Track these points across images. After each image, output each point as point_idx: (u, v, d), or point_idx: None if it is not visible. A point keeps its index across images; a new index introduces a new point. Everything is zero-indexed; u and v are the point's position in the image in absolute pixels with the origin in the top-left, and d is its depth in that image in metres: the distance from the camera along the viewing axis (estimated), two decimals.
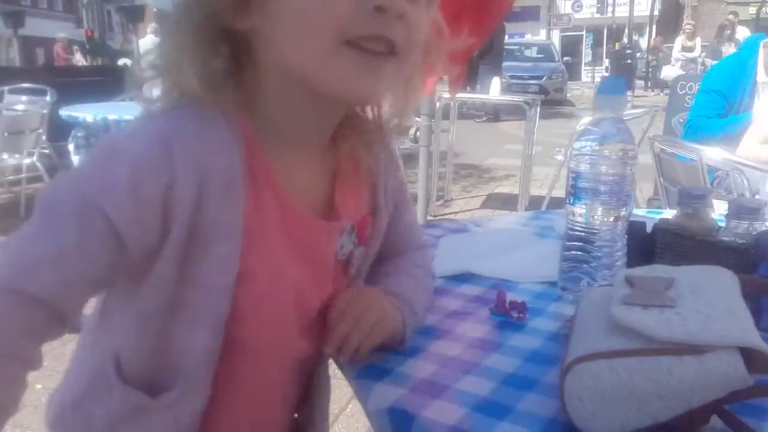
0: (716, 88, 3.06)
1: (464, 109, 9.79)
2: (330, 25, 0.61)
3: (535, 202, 4.71)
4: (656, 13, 29.68)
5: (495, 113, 11.16)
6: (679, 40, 13.61)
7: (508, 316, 0.84)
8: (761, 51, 2.92)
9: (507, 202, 5.23)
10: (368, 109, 0.78)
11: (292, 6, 0.61)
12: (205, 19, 0.64)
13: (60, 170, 4.41)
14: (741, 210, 0.88)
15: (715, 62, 10.00)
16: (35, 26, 26.70)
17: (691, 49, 13.35)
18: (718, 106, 3.03)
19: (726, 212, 0.89)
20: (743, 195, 2.72)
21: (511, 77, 14.40)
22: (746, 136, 2.57)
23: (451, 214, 5.03)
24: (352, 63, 0.62)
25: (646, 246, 0.97)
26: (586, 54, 32.69)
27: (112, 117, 3.36)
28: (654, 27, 28.37)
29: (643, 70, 19.03)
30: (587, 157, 0.83)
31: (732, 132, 2.90)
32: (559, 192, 4.01)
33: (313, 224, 0.73)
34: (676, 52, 13.65)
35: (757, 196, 2.60)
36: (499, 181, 6.27)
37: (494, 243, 1.16)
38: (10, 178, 4.99)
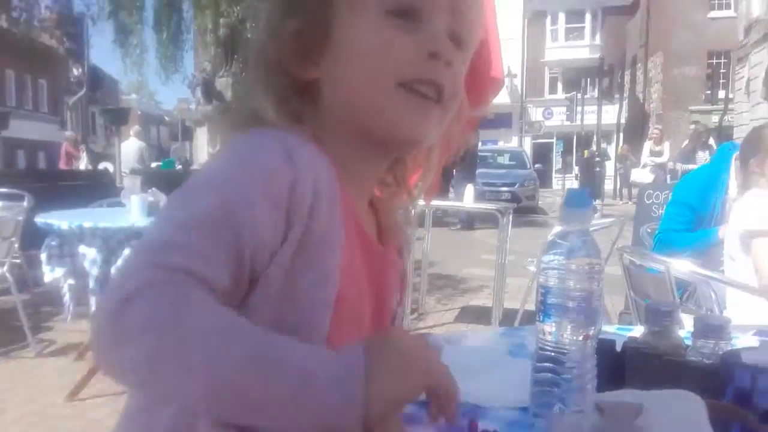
0: (686, 200, 3.09)
1: (439, 212, 9.92)
2: (388, 66, 0.69)
3: (508, 315, 4.64)
4: (623, 121, 31.09)
5: (469, 221, 11.25)
6: (647, 145, 14.12)
7: None
8: (732, 164, 2.92)
9: (481, 315, 5.14)
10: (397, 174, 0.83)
11: (353, 50, 0.70)
12: (274, 65, 0.72)
13: (30, 282, 4.24)
14: (707, 328, 0.89)
15: (688, 166, 10.32)
16: (18, 128, 27.04)
17: (659, 154, 13.77)
18: (687, 220, 3.05)
19: (692, 330, 0.91)
20: (711, 309, 2.71)
21: (484, 184, 14.73)
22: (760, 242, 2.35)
23: (425, 328, 4.92)
24: (405, 104, 0.70)
25: (616, 366, 0.96)
26: (557, 161, 33.85)
27: (87, 224, 3.29)
28: (621, 135, 29.65)
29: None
30: (555, 271, 0.84)
31: (700, 248, 2.91)
32: (532, 305, 4.00)
33: (386, 258, 0.77)
34: (645, 157, 14.06)
35: (725, 311, 2.59)
36: (474, 292, 6.21)
37: (466, 364, 1.14)
38: None
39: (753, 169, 2.50)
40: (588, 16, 36.19)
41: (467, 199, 5.60)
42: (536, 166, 19.21)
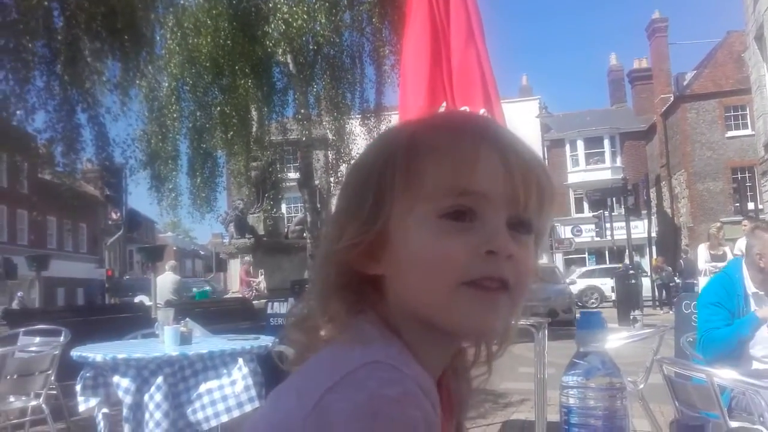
0: (715, 301, 3.22)
1: None
2: (450, 271, 0.68)
3: (552, 429, 4.49)
4: (654, 234, 30.90)
5: None
6: (703, 249, 12.03)
7: None
8: (744, 268, 3.24)
9: (524, 429, 5.02)
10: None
11: (414, 256, 0.69)
12: (339, 267, 0.73)
13: (66, 413, 4.26)
14: (685, 430, 0.87)
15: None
16: (58, 267, 27.90)
17: (721, 259, 11.64)
18: (723, 317, 3.14)
19: None
20: (762, 414, 2.64)
21: None
22: None
23: None
24: (472, 300, 0.69)
25: None
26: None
27: (121, 356, 3.36)
28: (653, 248, 29.34)
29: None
30: (575, 390, 0.84)
31: (745, 334, 2.95)
32: None
33: None
34: (703, 263, 12.32)
35: None
36: (515, 406, 6.06)
37: None
38: (14, 421, 4.86)
39: None
40: (606, 142, 37.12)
41: None
42: (568, 279, 19.00)
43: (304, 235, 14.40)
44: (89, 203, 31.61)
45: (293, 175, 19.09)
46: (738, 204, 25.79)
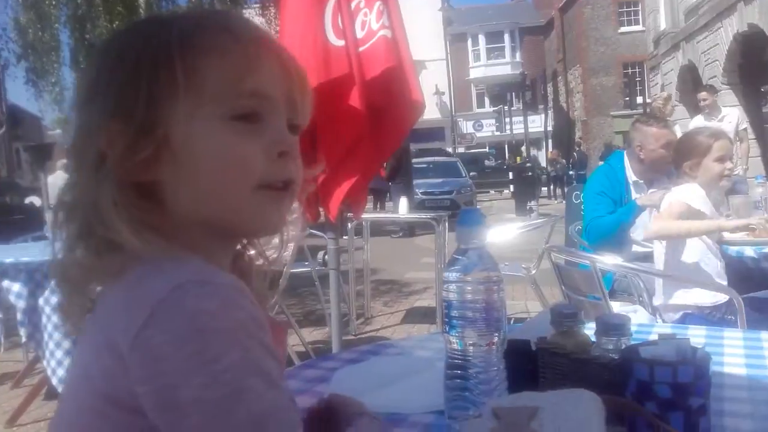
0: (599, 191, 3.40)
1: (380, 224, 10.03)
2: (247, 175, 0.67)
3: None
4: (550, 128, 32.08)
5: (410, 229, 11.48)
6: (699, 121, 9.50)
7: None
8: (626, 159, 3.42)
9: (426, 315, 5.25)
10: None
11: (205, 160, 0.66)
12: (111, 177, 0.65)
13: None
14: (608, 327, 0.92)
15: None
16: None
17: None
18: (607, 205, 3.32)
19: (594, 330, 0.93)
20: (641, 295, 2.87)
21: (423, 193, 14.98)
22: (658, 215, 2.80)
23: (372, 331, 5.00)
24: (266, 203, 0.69)
25: (531, 364, 0.99)
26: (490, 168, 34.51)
27: (9, 260, 3.20)
28: (550, 141, 30.56)
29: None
30: (454, 285, 0.86)
31: (626, 220, 3.15)
32: None
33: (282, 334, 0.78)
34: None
35: (654, 295, 2.76)
36: (418, 294, 6.34)
37: (386, 373, 1.15)
38: None
39: (685, 171, 2.73)
40: (506, 36, 37.52)
41: (402, 209, 5.75)
42: (471, 174, 19.60)
43: None
44: None
45: None
46: (628, 98, 27.04)
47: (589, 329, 1.00)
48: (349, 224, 5.09)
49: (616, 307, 2.78)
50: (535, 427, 0.62)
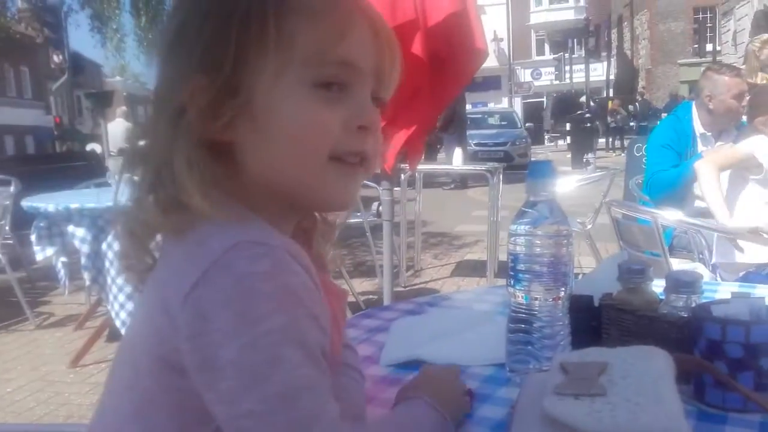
0: (665, 143, 3.29)
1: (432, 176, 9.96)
2: (322, 144, 0.66)
3: (504, 268, 4.71)
4: (612, 77, 30.95)
5: (462, 181, 11.41)
6: None
7: None
8: (694, 110, 3.29)
9: (476, 268, 5.27)
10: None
11: (285, 124, 0.65)
12: (191, 134, 0.64)
13: (24, 261, 4.27)
14: (678, 284, 0.90)
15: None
16: (4, 114, 26.76)
17: None
18: (671, 159, 3.23)
19: (664, 286, 0.91)
20: (702, 253, 2.80)
21: (476, 145, 14.77)
22: (710, 156, 2.78)
23: (421, 284, 5.04)
24: (334, 176, 0.67)
25: (594, 320, 0.98)
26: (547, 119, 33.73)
27: (74, 206, 3.31)
28: (611, 90, 29.52)
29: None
30: (522, 238, 0.84)
31: (690, 174, 3.04)
32: None
33: (340, 291, 0.78)
34: None
35: (714, 252, 2.68)
36: (468, 247, 6.34)
37: (445, 325, 1.15)
38: None
39: (758, 126, 2.70)
40: None
41: (456, 161, 5.70)
42: (527, 125, 19.20)
43: None
44: (28, 46, 29.80)
45: None
46: (697, 45, 25.75)
47: (655, 287, 0.98)
48: (402, 175, 5.08)
49: (675, 264, 2.72)
50: (605, 383, 0.61)
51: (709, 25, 26.73)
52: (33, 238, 3.47)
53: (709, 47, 23.41)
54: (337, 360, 0.71)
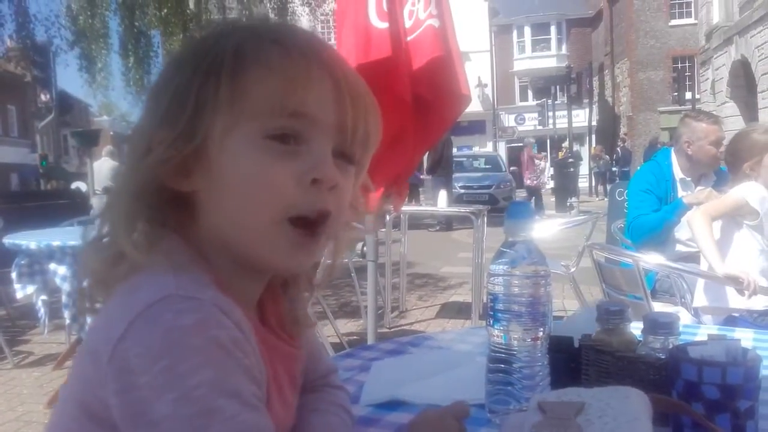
0: (645, 188, 3.32)
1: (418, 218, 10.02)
2: (273, 200, 0.64)
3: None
4: (594, 123, 31.52)
5: (447, 222, 11.46)
6: None
7: None
8: (673, 156, 3.33)
9: (461, 310, 5.25)
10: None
11: (236, 177, 0.64)
12: (146, 185, 0.65)
13: (4, 299, 4.23)
14: (656, 325, 0.91)
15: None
16: None
17: None
18: (652, 203, 3.25)
19: (642, 327, 0.92)
20: (684, 297, 2.82)
21: (462, 187, 14.91)
22: (702, 207, 2.74)
23: (406, 325, 5.01)
24: (290, 241, 0.65)
25: (573, 361, 0.98)
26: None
27: (56, 243, 3.30)
28: (593, 136, 30.02)
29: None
30: (501, 278, 0.85)
31: (671, 219, 3.08)
32: None
33: (294, 353, 0.75)
34: None
35: (696, 296, 2.70)
36: (454, 289, 6.32)
37: (425, 365, 1.15)
38: None
39: (746, 171, 2.69)
40: (553, 28, 36.89)
41: (441, 203, 5.76)
42: (511, 168, 19.42)
43: None
44: (16, 84, 29.98)
45: None
46: (676, 94, 26.35)
47: (634, 328, 0.99)
48: (387, 216, 5.10)
49: (658, 307, 2.73)
50: (582, 422, 0.62)
51: (687, 74, 27.39)
52: (13, 275, 3.44)
53: (688, 95, 23.98)
54: (279, 423, 0.68)
